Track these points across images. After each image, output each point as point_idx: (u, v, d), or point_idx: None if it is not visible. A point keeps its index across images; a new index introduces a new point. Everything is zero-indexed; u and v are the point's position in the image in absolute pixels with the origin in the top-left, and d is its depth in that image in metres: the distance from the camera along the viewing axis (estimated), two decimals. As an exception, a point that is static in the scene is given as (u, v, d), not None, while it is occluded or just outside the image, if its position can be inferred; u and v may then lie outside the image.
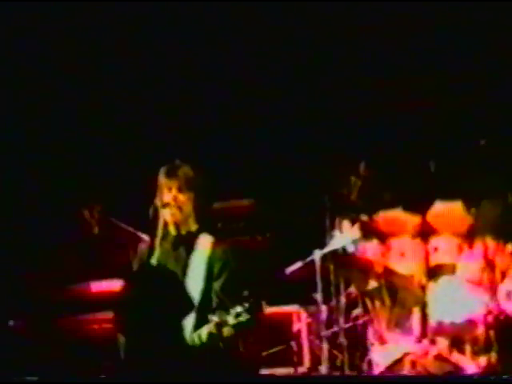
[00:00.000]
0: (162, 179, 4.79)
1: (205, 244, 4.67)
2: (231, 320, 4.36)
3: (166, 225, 4.74)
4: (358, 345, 6.26)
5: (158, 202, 4.75)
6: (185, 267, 4.62)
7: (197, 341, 4.42)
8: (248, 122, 7.42)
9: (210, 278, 4.60)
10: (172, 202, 4.70)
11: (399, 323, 6.30)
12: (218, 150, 7.33)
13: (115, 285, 5.87)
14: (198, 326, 4.47)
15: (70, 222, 6.77)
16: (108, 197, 6.77)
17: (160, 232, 4.71)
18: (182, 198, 4.73)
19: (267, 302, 6.08)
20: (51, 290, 6.16)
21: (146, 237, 5.98)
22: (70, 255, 6.75)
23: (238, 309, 4.33)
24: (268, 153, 7.42)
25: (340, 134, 7.29)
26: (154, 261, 4.61)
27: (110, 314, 5.66)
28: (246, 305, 4.33)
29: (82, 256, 6.74)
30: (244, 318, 4.33)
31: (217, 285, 4.59)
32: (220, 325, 4.36)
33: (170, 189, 4.75)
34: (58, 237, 6.94)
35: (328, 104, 7.36)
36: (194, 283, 4.56)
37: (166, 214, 4.73)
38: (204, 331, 4.42)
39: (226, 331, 4.36)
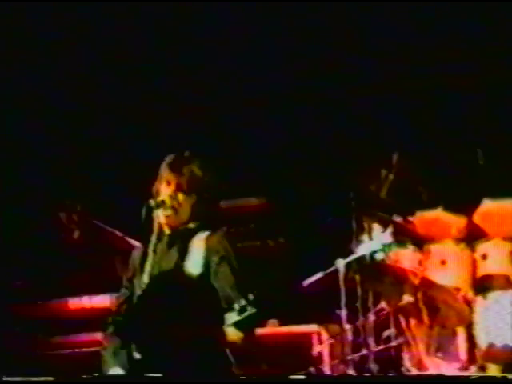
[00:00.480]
0: (163, 170, 4.53)
1: (200, 238, 4.46)
2: (234, 317, 4.08)
3: (160, 228, 4.49)
4: (391, 372, 5.93)
5: (151, 202, 4.47)
6: (178, 265, 4.41)
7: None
8: (260, 109, 7.30)
9: (207, 275, 4.39)
10: (168, 201, 4.45)
11: (441, 346, 6.03)
12: (223, 140, 7.16)
13: (100, 300, 5.47)
14: None
15: (43, 225, 6.36)
16: (89, 196, 6.53)
17: (154, 237, 4.45)
18: (180, 197, 4.49)
19: (281, 320, 5.73)
20: (23, 307, 5.66)
21: (136, 243, 5.59)
22: (45, 265, 6.26)
23: (242, 301, 4.10)
24: (281, 142, 7.22)
25: (368, 120, 7.02)
26: (148, 268, 4.36)
27: (91, 336, 5.34)
28: (251, 296, 4.10)
29: (60, 266, 6.24)
30: (250, 311, 4.07)
31: (216, 283, 4.37)
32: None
33: (168, 183, 4.49)
34: (30, 244, 6.65)
35: (354, 84, 7.14)
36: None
37: (160, 216, 4.47)
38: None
39: (232, 335, 4.14)
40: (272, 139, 7.18)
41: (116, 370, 4.28)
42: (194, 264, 4.37)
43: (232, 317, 4.09)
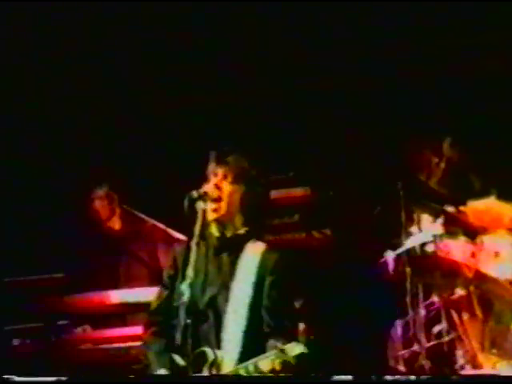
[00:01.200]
0: (210, 166, 4.42)
1: (254, 252, 4.33)
2: (297, 349, 3.93)
3: (205, 222, 4.35)
4: (443, 368, 5.76)
5: (194, 193, 4.36)
6: (228, 277, 4.31)
7: (252, 370, 4.05)
8: (302, 97, 7.14)
9: (260, 293, 4.27)
10: (213, 192, 4.32)
11: (495, 342, 5.83)
12: (265, 130, 7.02)
13: (141, 294, 5.41)
14: (246, 352, 4.17)
15: (81, 215, 6.34)
16: (128, 184, 6.37)
17: (197, 230, 4.29)
18: (227, 188, 4.36)
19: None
20: (55, 300, 5.59)
21: (180, 236, 5.50)
22: (82, 257, 6.16)
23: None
24: (327, 130, 7.02)
25: (418, 106, 6.80)
26: (190, 268, 4.22)
27: (134, 330, 5.26)
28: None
29: (97, 258, 6.14)
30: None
31: (269, 302, 4.26)
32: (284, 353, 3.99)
33: (214, 175, 4.38)
34: (66, 234, 6.53)
35: (402, 68, 6.95)
36: (240, 299, 4.25)
37: (207, 210, 4.34)
38: (264, 361, 4.02)
39: (278, 366, 4.00)
40: (317, 128, 7.01)
41: (161, 372, 4.18)
42: (245, 279, 4.25)
43: (298, 347, 3.97)
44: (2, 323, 5.64)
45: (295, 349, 3.96)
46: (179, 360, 4.12)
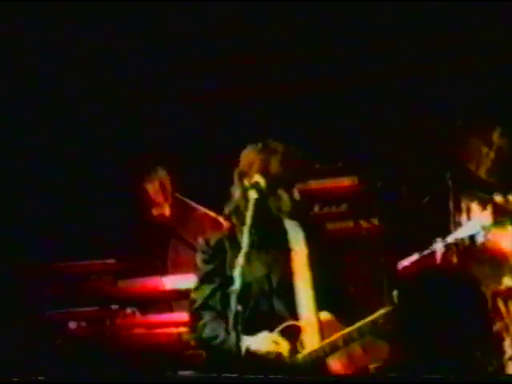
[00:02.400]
0: (255, 157, 4.55)
1: (298, 243, 4.53)
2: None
3: (254, 210, 4.45)
4: (491, 358, 5.64)
5: (246, 182, 4.53)
6: (286, 258, 4.49)
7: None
8: (348, 86, 7.18)
9: (320, 266, 4.50)
10: (262, 182, 4.47)
11: None
12: (314, 120, 7.05)
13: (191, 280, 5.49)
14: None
15: (126, 198, 6.41)
16: (181, 171, 6.42)
17: (249, 219, 4.42)
18: (274, 178, 4.51)
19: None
20: (109, 285, 5.71)
21: (227, 223, 5.59)
22: (131, 242, 6.26)
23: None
24: (374, 119, 7.03)
25: (467, 92, 6.78)
26: (242, 253, 4.32)
27: (184, 316, 5.36)
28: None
29: (149, 243, 6.22)
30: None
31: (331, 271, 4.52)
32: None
33: (263, 168, 4.52)
34: (113, 219, 6.62)
35: (454, 56, 6.93)
36: (304, 291, 4.44)
37: (256, 196, 4.46)
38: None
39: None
40: (366, 118, 7.04)
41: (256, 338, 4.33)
42: (302, 256, 4.45)
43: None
44: (60, 306, 5.79)
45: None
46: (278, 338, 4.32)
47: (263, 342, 4.34)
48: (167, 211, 6.38)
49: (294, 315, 4.43)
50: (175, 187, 6.35)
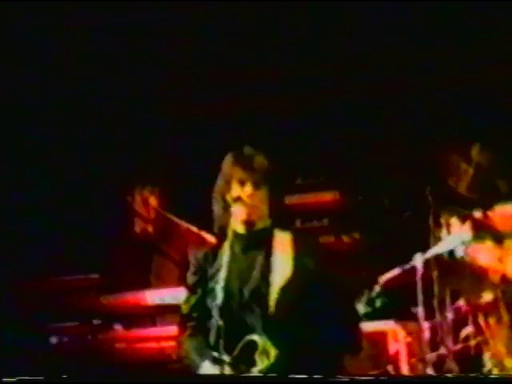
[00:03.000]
0: (231, 169, 4.56)
1: (283, 244, 4.48)
2: (362, 309, 3.96)
3: (235, 224, 4.52)
4: (471, 371, 5.81)
5: (227, 197, 4.54)
6: (264, 270, 4.45)
7: None
8: (330, 99, 7.27)
9: (298, 278, 4.42)
10: (247, 200, 4.49)
11: None
12: (293, 132, 7.13)
13: (176, 295, 5.50)
14: (291, 334, 4.33)
15: (113, 215, 6.44)
16: (165, 187, 6.48)
17: (230, 233, 4.49)
18: (259, 195, 4.52)
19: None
20: (91, 300, 5.75)
21: (212, 238, 5.61)
22: (113, 257, 6.31)
23: (372, 293, 3.94)
24: (355, 133, 7.11)
25: (446, 109, 6.88)
26: (223, 267, 4.38)
27: (166, 330, 5.39)
28: (378, 288, 3.99)
29: (127, 259, 6.28)
30: (381, 302, 3.91)
31: (307, 279, 4.41)
32: None
33: (242, 183, 4.53)
34: (97, 234, 6.66)
35: (430, 72, 7.01)
36: (281, 287, 4.39)
37: (238, 211, 4.50)
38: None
39: None
40: (346, 132, 7.10)
41: (205, 366, 4.33)
42: (283, 268, 4.39)
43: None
44: (41, 321, 5.81)
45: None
46: (223, 355, 4.27)
47: (210, 368, 4.35)
48: (150, 227, 6.45)
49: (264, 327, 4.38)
50: (160, 203, 6.41)
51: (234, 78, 7.22)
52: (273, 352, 4.29)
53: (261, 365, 4.25)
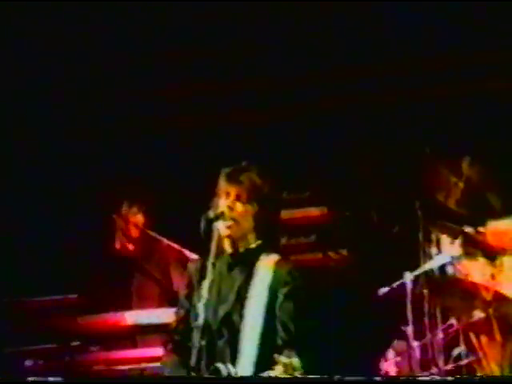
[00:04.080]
0: (222, 183, 4.49)
1: (266, 264, 4.41)
2: (279, 370, 4.03)
3: (219, 241, 4.43)
4: None
5: (210, 213, 4.43)
6: (241, 293, 4.37)
7: None
8: (317, 114, 7.21)
9: (273, 306, 4.34)
10: (227, 212, 4.40)
11: None
12: (281, 149, 7.07)
13: (155, 316, 5.43)
14: (259, 365, 4.25)
15: (95, 234, 6.33)
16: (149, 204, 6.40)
17: (213, 250, 4.38)
18: (240, 208, 4.44)
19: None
20: (68, 321, 5.65)
21: (194, 256, 5.54)
22: (95, 277, 6.18)
23: (287, 359, 4.06)
24: (344, 148, 7.05)
25: (435, 123, 6.83)
26: (205, 287, 4.29)
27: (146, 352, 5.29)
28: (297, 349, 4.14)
29: (110, 278, 6.17)
30: (295, 370, 4.03)
31: (283, 315, 4.33)
32: (290, 367, 4.04)
33: (227, 194, 4.45)
34: (76, 254, 6.57)
35: (419, 86, 7.00)
36: (254, 312, 4.32)
37: (221, 228, 4.41)
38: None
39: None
40: (333, 147, 7.05)
41: None
42: (259, 291, 4.31)
43: (277, 370, 4.03)
44: (15, 344, 5.70)
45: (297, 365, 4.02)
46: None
47: None
48: (131, 245, 6.33)
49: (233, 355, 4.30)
50: (142, 220, 6.30)
51: (219, 93, 7.18)
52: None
53: None
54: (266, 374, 4.10)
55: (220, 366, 4.20)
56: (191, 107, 7.21)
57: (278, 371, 4.04)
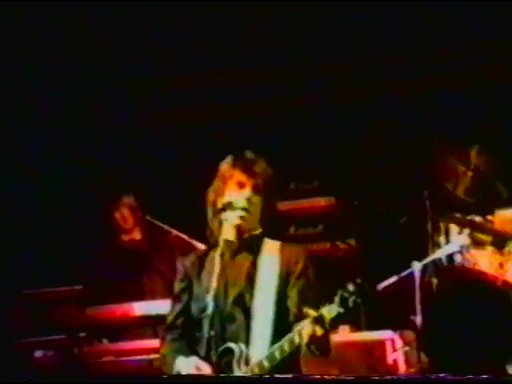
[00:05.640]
0: (231, 171, 4.43)
1: (272, 249, 4.41)
2: (333, 310, 4.02)
3: (226, 231, 4.40)
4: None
5: (218, 202, 4.39)
6: (251, 276, 4.36)
7: (278, 356, 4.18)
8: (327, 105, 7.17)
9: (284, 286, 4.34)
10: (242, 203, 4.36)
11: None
12: (290, 139, 7.05)
13: (163, 306, 5.42)
14: (274, 343, 4.26)
15: (99, 225, 6.35)
16: (146, 193, 6.39)
17: (222, 240, 4.37)
18: (256, 200, 4.40)
19: (353, 326, 5.59)
20: (77, 313, 5.68)
21: (201, 245, 5.52)
22: (102, 268, 6.20)
23: (345, 292, 4.04)
24: (351, 138, 7.03)
25: (444, 111, 6.78)
26: (213, 277, 4.27)
27: (154, 343, 5.29)
28: (352, 287, 4.05)
29: (117, 270, 6.16)
30: (352, 301, 4.01)
31: (294, 294, 4.33)
32: (317, 320, 4.06)
33: (242, 186, 4.40)
34: (86, 246, 6.55)
35: (427, 75, 6.95)
36: (265, 294, 4.32)
37: (230, 218, 4.38)
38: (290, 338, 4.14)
39: (319, 330, 4.08)
40: (341, 136, 7.03)
41: (182, 361, 4.23)
42: (268, 274, 4.30)
43: (328, 311, 4.01)
44: (25, 335, 5.72)
45: (331, 311, 4.01)
46: (202, 363, 4.19)
47: (185, 366, 4.23)
48: (138, 235, 6.33)
49: (247, 337, 4.28)
50: (145, 210, 6.27)
51: (221, 84, 7.16)
52: (254, 360, 4.21)
53: (238, 372, 4.16)
54: (292, 333, 4.09)
55: (232, 345, 4.19)
56: (192, 98, 7.19)
57: (306, 328, 4.04)
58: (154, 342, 5.53)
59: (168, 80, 7.19)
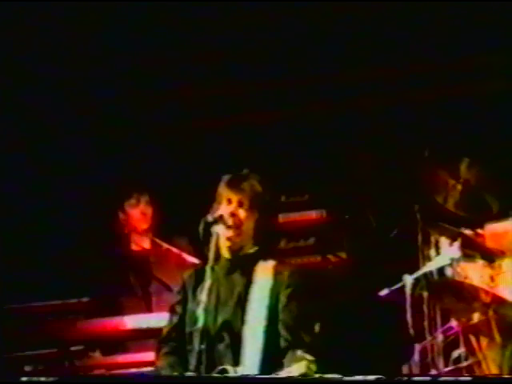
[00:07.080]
0: (223, 189, 4.55)
1: (266, 269, 4.46)
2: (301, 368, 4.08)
3: (217, 245, 4.47)
4: None
5: (209, 217, 4.47)
6: (242, 298, 4.41)
7: None
8: (314, 119, 7.23)
9: (275, 309, 4.39)
10: (228, 218, 4.45)
11: None
12: (279, 153, 7.10)
13: (155, 320, 5.44)
14: (263, 368, 4.29)
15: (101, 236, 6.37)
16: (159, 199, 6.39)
17: (212, 254, 4.42)
18: (242, 214, 4.49)
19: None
20: (68, 326, 5.74)
21: (194, 260, 5.56)
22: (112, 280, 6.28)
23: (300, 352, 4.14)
24: (341, 152, 7.09)
25: (434, 125, 6.85)
26: (204, 292, 4.33)
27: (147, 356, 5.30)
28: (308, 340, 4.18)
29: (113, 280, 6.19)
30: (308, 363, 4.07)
31: (286, 316, 4.37)
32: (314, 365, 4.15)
33: (229, 201, 4.51)
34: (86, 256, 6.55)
35: (418, 87, 7.00)
36: (256, 317, 4.36)
37: (220, 231, 4.46)
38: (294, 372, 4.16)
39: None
40: (332, 149, 7.09)
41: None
42: (260, 296, 4.35)
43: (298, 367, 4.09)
44: (15, 349, 5.72)
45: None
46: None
47: None
48: (147, 243, 6.31)
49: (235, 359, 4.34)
50: (156, 216, 6.26)
51: (209, 97, 7.21)
52: None
53: None
54: (283, 372, 4.13)
55: (227, 367, 4.23)
56: (190, 114, 7.24)
57: (298, 369, 4.09)
58: (146, 356, 5.60)
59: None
